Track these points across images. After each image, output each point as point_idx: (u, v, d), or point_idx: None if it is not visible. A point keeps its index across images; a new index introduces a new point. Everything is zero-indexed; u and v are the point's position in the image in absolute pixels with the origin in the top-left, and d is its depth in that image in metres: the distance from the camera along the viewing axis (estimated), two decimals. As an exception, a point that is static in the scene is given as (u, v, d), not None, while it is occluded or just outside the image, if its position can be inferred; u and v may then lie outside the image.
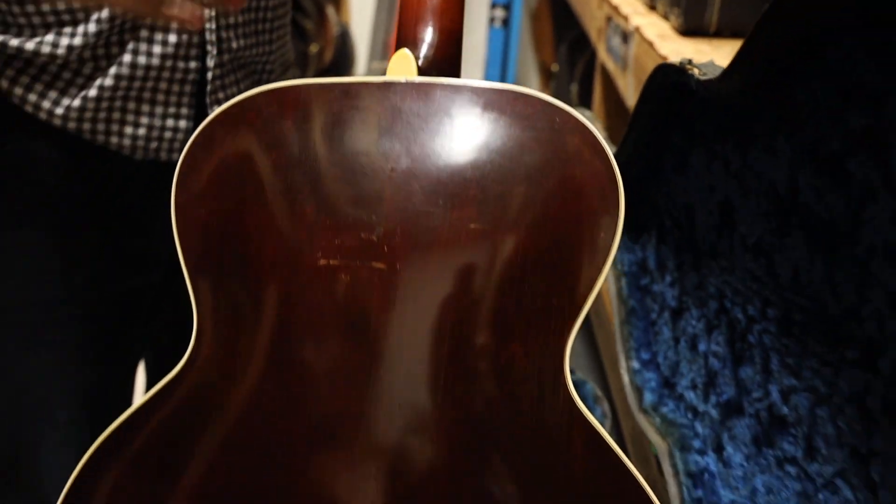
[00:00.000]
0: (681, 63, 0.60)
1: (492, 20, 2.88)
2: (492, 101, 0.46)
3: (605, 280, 0.67)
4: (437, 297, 0.45)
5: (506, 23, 2.87)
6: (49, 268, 0.66)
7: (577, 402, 0.44)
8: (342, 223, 0.46)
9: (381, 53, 2.86)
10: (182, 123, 0.62)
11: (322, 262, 0.45)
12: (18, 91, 0.57)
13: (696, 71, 0.58)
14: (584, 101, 1.92)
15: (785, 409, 0.51)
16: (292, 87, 0.47)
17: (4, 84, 0.57)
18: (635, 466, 0.44)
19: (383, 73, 0.53)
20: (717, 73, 0.55)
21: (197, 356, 0.47)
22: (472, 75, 2.91)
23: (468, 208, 0.46)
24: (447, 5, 0.52)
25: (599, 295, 0.52)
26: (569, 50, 2.28)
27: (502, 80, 2.88)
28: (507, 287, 0.46)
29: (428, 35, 0.51)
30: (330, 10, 2.45)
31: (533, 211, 0.46)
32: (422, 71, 0.50)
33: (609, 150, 0.45)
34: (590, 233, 0.46)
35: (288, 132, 0.47)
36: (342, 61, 2.55)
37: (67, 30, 0.55)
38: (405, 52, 0.50)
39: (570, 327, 0.45)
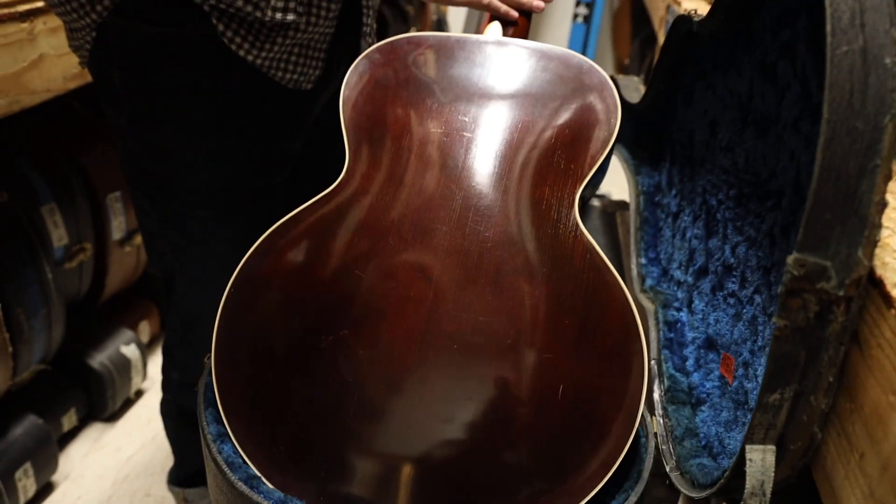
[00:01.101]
0: (688, 12, 0.79)
1: (575, 16, 3.06)
2: (545, 54, 0.73)
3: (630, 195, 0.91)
4: (503, 149, 0.69)
5: (587, 19, 3.05)
6: (224, 163, 0.90)
7: (581, 226, 0.65)
8: (447, 112, 0.70)
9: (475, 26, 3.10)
10: (318, 71, 0.87)
11: (433, 131, 0.69)
12: (230, 35, 0.81)
13: (697, 17, 0.77)
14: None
15: (732, 260, 0.70)
16: (422, 35, 0.73)
17: (221, 27, 0.81)
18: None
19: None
20: (708, 15, 0.74)
21: (345, 181, 0.69)
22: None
23: (527, 109, 0.70)
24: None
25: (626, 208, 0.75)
26: (640, 45, 2.45)
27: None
28: (544, 153, 0.68)
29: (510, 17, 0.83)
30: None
31: (564, 116, 0.69)
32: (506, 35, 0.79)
33: (615, 88, 0.69)
34: (596, 130, 0.68)
35: (418, 61, 0.72)
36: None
37: (286, 9, 0.80)
38: (496, 23, 0.81)
39: (580, 181, 0.67)
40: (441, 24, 2.95)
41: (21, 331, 1.25)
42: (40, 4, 1.16)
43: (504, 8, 0.83)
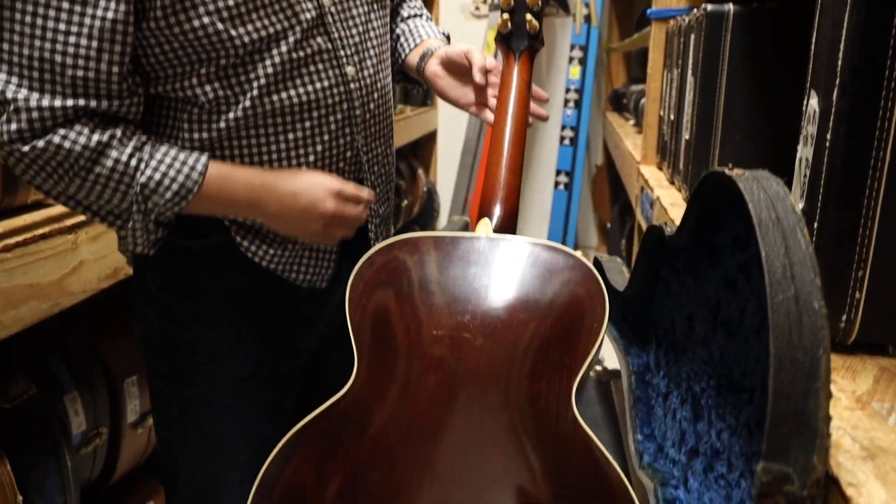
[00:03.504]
0: (660, 224, 0.93)
1: (556, 184, 3.30)
2: (534, 249, 0.83)
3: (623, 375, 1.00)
4: (500, 349, 0.78)
5: (567, 187, 3.29)
6: (241, 355, 1.01)
7: (579, 420, 0.74)
8: (446, 313, 0.80)
9: (461, 209, 3.31)
10: (332, 271, 1.00)
11: (434, 333, 0.79)
12: (244, 242, 0.94)
13: (668, 230, 0.91)
14: (631, 252, 2.26)
15: (718, 444, 0.79)
16: (419, 236, 0.84)
17: (237, 237, 0.94)
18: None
19: (461, 224, 0.95)
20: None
21: (355, 385, 0.79)
22: (538, 230, 3.30)
23: (520, 307, 0.80)
24: (510, 193, 0.89)
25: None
26: (620, 210, 2.66)
27: (564, 233, 3.25)
28: (538, 351, 0.78)
29: (497, 211, 0.89)
30: (420, 172, 2.92)
31: (555, 310, 0.79)
32: (495, 230, 0.87)
33: (600, 278, 0.79)
34: (588, 323, 0.78)
35: (416, 262, 0.83)
36: (428, 213, 2.99)
37: None
38: (486, 220, 0.88)
39: (575, 375, 0.76)
40: (431, 194, 3.17)
41: (41, 522, 1.29)
42: (83, 218, 1.30)
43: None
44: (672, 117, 1.52)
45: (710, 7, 1.24)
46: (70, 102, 0.81)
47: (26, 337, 1.38)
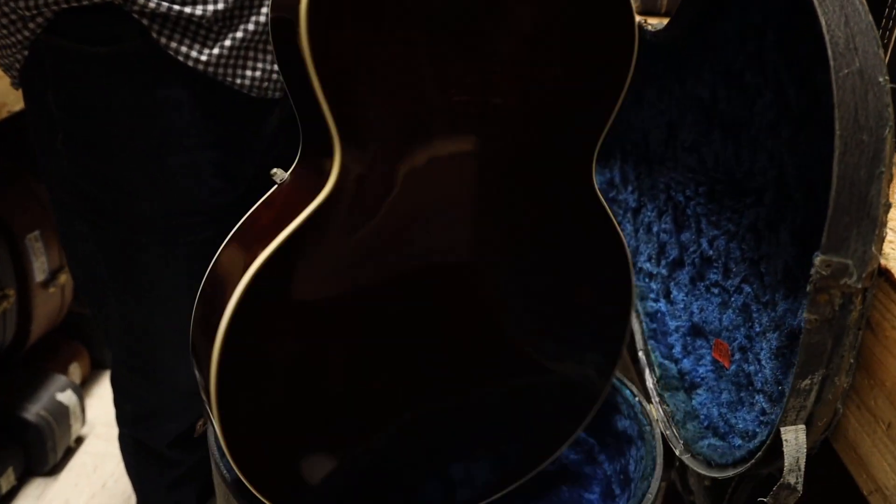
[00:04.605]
0: (638, 22, 0.84)
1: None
2: None
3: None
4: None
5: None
6: (183, 185, 0.86)
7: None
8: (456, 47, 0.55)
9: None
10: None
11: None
12: (173, 44, 0.77)
13: (649, 26, 0.83)
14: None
15: (710, 252, 0.76)
16: None
17: (162, 39, 0.77)
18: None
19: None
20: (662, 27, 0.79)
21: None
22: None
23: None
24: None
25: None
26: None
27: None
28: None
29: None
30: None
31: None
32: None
33: None
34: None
35: None
36: None
37: None
38: None
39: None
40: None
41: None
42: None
43: None
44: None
45: None
46: None
47: None
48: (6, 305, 1.32)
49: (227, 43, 0.80)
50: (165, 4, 0.76)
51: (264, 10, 0.82)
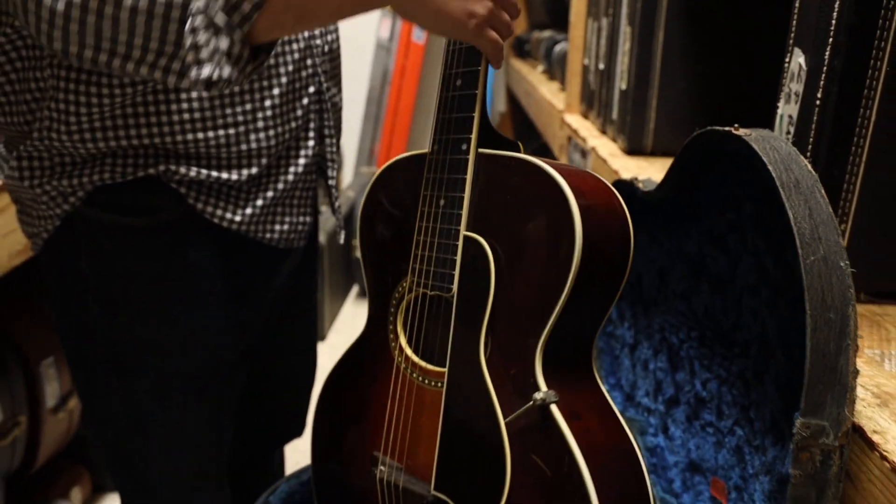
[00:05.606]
0: (630, 179, 0.93)
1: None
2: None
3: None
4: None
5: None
6: (206, 341, 0.91)
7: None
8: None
9: (367, 159, 3.23)
10: (309, 218, 0.93)
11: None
12: (209, 209, 0.84)
13: (640, 185, 0.92)
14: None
15: (704, 393, 0.82)
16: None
17: (199, 205, 0.84)
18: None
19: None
20: (653, 185, 0.88)
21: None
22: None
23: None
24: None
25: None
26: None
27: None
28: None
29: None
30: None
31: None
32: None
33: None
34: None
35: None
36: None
37: (250, 163, 0.85)
38: None
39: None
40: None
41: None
42: (-12, 186, 1.16)
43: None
44: (602, 66, 1.53)
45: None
46: None
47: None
48: (17, 433, 1.35)
49: (259, 202, 0.88)
50: (205, 172, 0.84)
51: (292, 169, 0.91)
